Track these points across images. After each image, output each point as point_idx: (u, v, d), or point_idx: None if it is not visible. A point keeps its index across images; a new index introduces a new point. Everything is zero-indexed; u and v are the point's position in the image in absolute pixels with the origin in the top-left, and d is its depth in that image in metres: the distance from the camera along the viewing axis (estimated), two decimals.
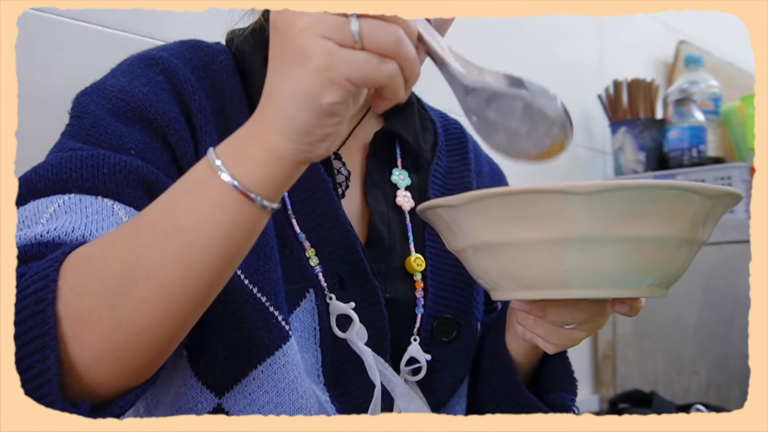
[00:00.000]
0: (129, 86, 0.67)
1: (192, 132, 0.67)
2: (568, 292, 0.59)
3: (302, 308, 0.69)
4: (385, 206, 0.78)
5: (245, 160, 0.49)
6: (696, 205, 0.57)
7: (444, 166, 0.85)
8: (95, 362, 0.50)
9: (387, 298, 0.74)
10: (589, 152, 1.93)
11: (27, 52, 0.88)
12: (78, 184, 0.60)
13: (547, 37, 1.80)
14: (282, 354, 0.66)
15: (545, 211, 0.55)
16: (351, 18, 0.46)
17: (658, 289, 0.61)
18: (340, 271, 0.72)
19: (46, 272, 0.50)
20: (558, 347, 0.71)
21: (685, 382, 1.68)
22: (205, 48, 0.74)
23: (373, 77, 0.47)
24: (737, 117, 1.84)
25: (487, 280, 0.64)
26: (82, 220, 0.58)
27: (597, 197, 0.54)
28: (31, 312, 0.49)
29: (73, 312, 0.49)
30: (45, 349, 0.48)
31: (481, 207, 0.58)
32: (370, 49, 0.46)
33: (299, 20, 0.46)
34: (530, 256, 0.58)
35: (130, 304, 0.50)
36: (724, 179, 1.68)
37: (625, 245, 0.56)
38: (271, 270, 0.66)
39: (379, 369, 0.71)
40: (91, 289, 0.50)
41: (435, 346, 0.76)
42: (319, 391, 0.69)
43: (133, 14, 0.98)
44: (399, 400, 0.72)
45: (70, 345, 0.50)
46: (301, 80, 0.47)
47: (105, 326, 0.50)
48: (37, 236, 0.55)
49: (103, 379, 0.51)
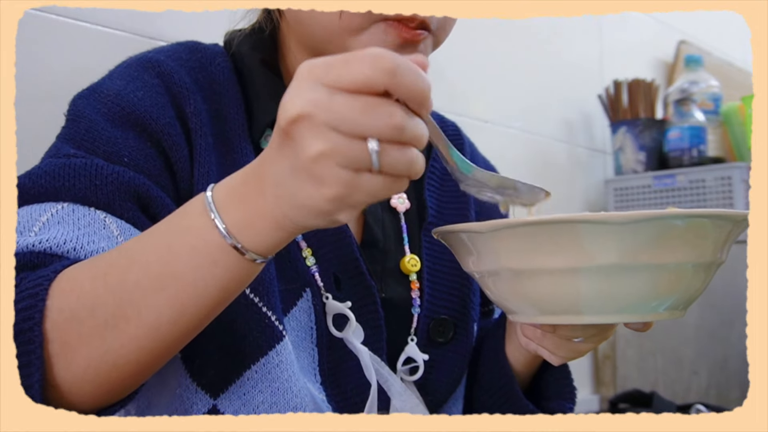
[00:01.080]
0: (124, 90, 0.67)
1: (187, 135, 0.67)
2: (587, 318, 0.59)
3: (299, 308, 0.70)
4: (380, 208, 0.78)
5: (253, 232, 0.50)
6: (719, 230, 0.57)
7: (440, 168, 0.85)
8: (79, 384, 0.52)
9: (383, 298, 0.74)
10: (589, 152, 1.93)
11: (27, 52, 0.88)
12: (71, 194, 0.60)
13: (547, 37, 1.80)
14: (276, 354, 0.66)
15: (571, 240, 0.55)
16: (370, 145, 0.43)
17: (676, 312, 0.61)
18: (337, 270, 0.72)
19: (36, 290, 0.51)
20: (564, 359, 0.71)
21: (685, 382, 1.68)
22: (202, 50, 0.74)
23: (387, 195, 0.47)
24: (737, 117, 1.84)
25: (505, 304, 0.64)
26: (74, 232, 0.58)
27: (629, 227, 0.53)
28: (19, 329, 0.50)
29: (59, 335, 0.51)
30: (30, 366, 0.50)
31: (507, 235, 0.57)
32: (387, 173, 0.45)
33: (316, 144, 0.43)
34: (551, 283, 0.57)
35: (120, 338, 0.51)
36: (724, 179, 1.69)
37: (645, 273, 0.56)
38: (264, 271, 0.66)
39: (376, 368, 0.71)
40: (80, 317, 0.51)
41: (431, 346, 0.76)
42: (315, 390, 0.69)
43: (133, 14, 0.98)
44: (395, 400, 0.72)
45: (56, 366, 0.51)
46: (315, 201, 0.46)
47: (92, 354, 0.51)
48: (29, 246, 0.56)
49: (85, 398, 0.53)
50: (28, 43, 0.89)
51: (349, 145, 0.43)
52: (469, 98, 1.57)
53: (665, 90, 2.05)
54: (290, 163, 0.46)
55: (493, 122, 1.63)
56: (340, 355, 0.71)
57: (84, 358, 0.51)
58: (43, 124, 0.80)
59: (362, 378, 0.71)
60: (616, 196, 1.84)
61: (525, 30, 1.73)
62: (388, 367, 0.73)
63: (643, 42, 2.15)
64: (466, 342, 0.79)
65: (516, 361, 0.79)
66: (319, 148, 0.43)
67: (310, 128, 0.44)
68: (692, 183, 1.73)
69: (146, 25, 1.00)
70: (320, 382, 0.70)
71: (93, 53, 0.93)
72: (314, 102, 0.43)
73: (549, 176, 1.77)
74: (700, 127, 1.80)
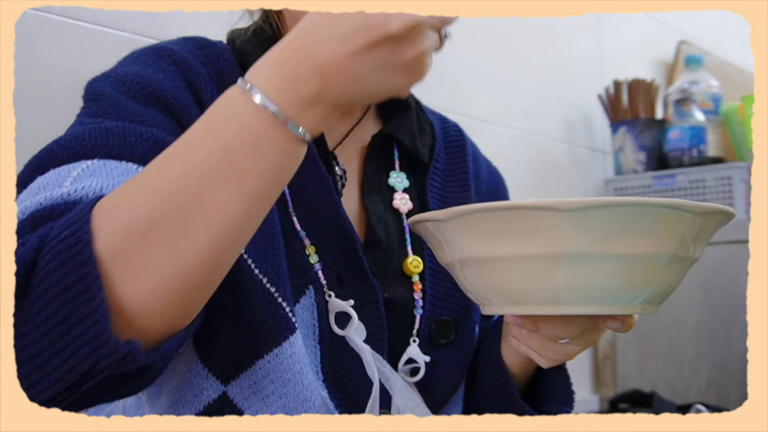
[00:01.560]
0: (144, 72, 0.67)
1: None
2: (557, 308, 0.58)
3: (302, 305, 0.70)
4: (383, 209, 0.78)
5: (311, 114, 0.51)
6: (685, 222, 0.57)
7: (442, 169, 0.85)
8: (147, 305, 0.48)
9: (385, 298, 0.74)
10: (589, 152, 1.93)
11: (27, 52, 0.88)
12: (103, 151, 0.58)
13: (547, 37, 1.80)
14: (289, 345, 0.66)
15: (534, 227, 0.55)
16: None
17: (650, 306, 0.60)
18: (340, 269, 0.72)
19: (76, 218, 0.48)
20: (552, 361, 0.71)
21: (685, 382, 1.68)
22: (210, 45, 0.74)
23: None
24: (737, 117, 1.84)
25: (476, 294, 0.64)
26: (109, 181, 0.56)
27: (585, 213, 0.54)
28: (67, 256, 0.46)
29: (118, 256, 0.47)
30: (89, 290, 0.46)
31: (468, 222, 0.58)
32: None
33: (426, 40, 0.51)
34: (518, 271, 0.57)
35: (189, 243, 0.49)
36: (724, 179, 1.69)
37: (615, 262, 0.56)
38: (279, 263, 0.67)
39: (377, 367, 0.71)
40: (138, 232, 0.48)
41: (433, 348, 0.77)
42: (318, 387, 0.69)
43: (133, 14, 0.98)
44: (397, 398, 0.72)
45: (120, 286, 0.47)
46: (402, 87, 0.53)
47: (162, 268, 0.48)
48: (63, 195, 0.53)
49: (153, 321, 0.49)
50: (28, 43, 0.89)
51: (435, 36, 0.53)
52: (470, 98, 1.57)
53: (665, 90, 2.05)
54: (383, 61, 0.50)
55: (493, 122, 1.63)
56: (341, 353, 0.71)
57: (152, 273, 0.48)
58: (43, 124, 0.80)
59: (364, 376, 0.71)
60: (616, 196, 1.84)
61: (525, 30, 1.73)
62: (389, 366, 0.73)
63: (643, 42, 2.15)
64: (467, 343, 0.79)
65: (511, 362, 0.79)
66: (428, 44, 0.51)
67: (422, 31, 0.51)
68: (692, 183, 1.73)
69: (146, 25, 1.00)
70: (322, 380, 0.70)
71: (93, 53, 0.93)
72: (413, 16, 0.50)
73: (549, 176, 1.77)
74: (700, 127, 1.80)
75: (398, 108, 0.82)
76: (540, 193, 1.70)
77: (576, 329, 0.67)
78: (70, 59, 0.93)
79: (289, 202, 0.72)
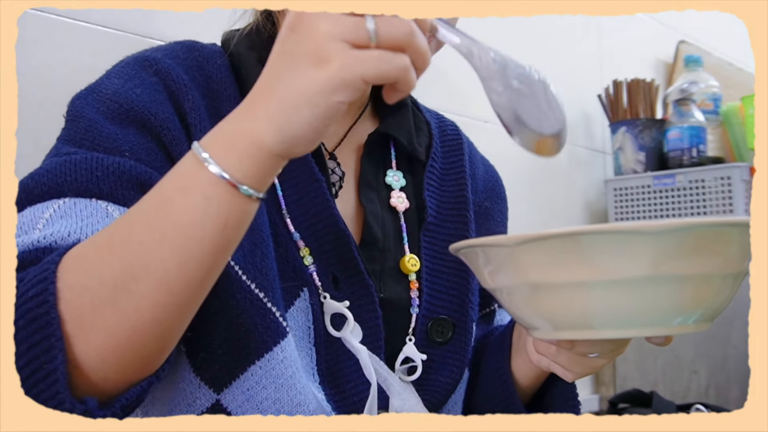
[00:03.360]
0: (123, 88, 0.67)
1: (186, 131, 0.68)
2: (603, 333, 0.56)
3: (296, 307, 0.70)
4: (380, 207, 0.78)
5: (233, 153, 0.50)
6: (742, 239, 0.55)
7: (439, 168, 0.85)
8: (101, 359, 0.51)
9: (381, 297, 0.74)
10: (589, 152, 1.93)
11: (27, 52, 0.88)
12: (72, 188, 0.60)
13: (547, 37, 1.80)
14: (280, 350, 0.66)
15: (595, 251, 0.52)
16: (366, 18, 0.48)
17: (703, 324, 0.58)
18: (335, 270, 0.72)
19: (44, 275, 0.51)
20: (579, 375, 0.70)
21: (685, 382, 1.68)
22: (200, 48, 0.74)
23: (387, 73, 0.49)
24: (737, 117, 1.84)
25: (524, 320, 0.61)
26: (77, 223, 0.59)
27: (661, 237, 0.51)
28: (34, 315, 0.49)
29: (74, 312, 0.50)
30: (52, 349, 0.49)
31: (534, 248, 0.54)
32: (385, 45, 0.48)
33: (321, 24, 0.48)
34: (567, 297, 0.55)
35: (132, 299, 0.50)
36: (724, 179, 1.69)
37: (672, 284, 0.54)
38: (268, 267, 0.67)
39: (374, 367, 0.71)
40: (91, 287, 0.51)
41: (430, 346, 0.76)
42: (314, 390, 0.69)
43: (133, 14, 0.98)
44: (394, 399, 0.72)
45: (76, 344, 0.50)
46: (315, 79, 0.48)
47: (108, 323, 0.51)
48: (34, 242, 0.57)
49: (109, 374, 0.52)
50: (28, 43, 0.89)
51: (348, 20, 0.48)
52: (469, 98, 1.57)
53: (665, 90, 2.05)
54: (291, 56, 0.49)
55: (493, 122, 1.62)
56: (338, 355, 0.71)
57: (101, 329, 0.51)
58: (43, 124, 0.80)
59: (361, 377, 0.71)
60: (616, 196, 1.84)
61: (525, 30, 1.73)
62: (386, 366, 0.73)
63: (643, 42, 2.15)
64: (464, 342, 0.79)
65: (524, 376, 0.79)
66: (326, 27, 0.48)
67: (315, 16, 0.48)
68: (692, 183, 1.73)
69: (146, 25, 1.00)
70: (318, 382, 0.70)
71: (93, 53, 0.93)
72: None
73: (549, 176, 1.77)
74: (700, 127, 1.80)
75: (395, 107, 0.82)
76: (539, 193, 1.70)
77: (611, 344, 0.67)
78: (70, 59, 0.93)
79: (282, 204, 0.72)
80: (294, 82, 0.49)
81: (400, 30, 0.49)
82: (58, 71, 0.91)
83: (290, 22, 0.50)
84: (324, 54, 0.48)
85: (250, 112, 0.51)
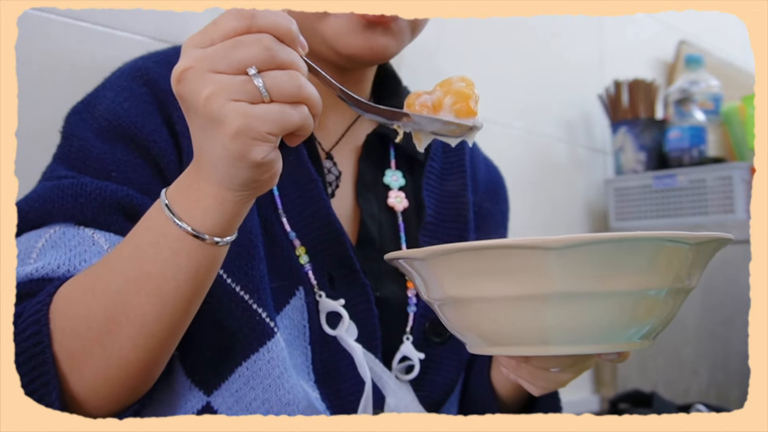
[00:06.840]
0: (113, 103, 0.69)
1: (175, 140, 0.69)
2: (546, 349, 0.55)
3: (291, 306, 0.70)
4: (377, 208, 0.78)
5: (198, 209, 0.53)
6: (679, 254, 0.52)
7: (438, 168, 0.85)
8: (94, 391, 0.57)
9: (378, 296, 0.74)
10: (590, 152, 1.93)
11: (27, 52, 0.88)
12: (60, 213, 0.64)
13: (547, 37, 1.80)
14: (266, 351, 0.66)
15: (519, 266, 0.51)
16: (252, 75, 0.48)
17: (645, 341, 0.56)
18: (330, 269, 0.72)
19: (38, 316, 0.56)
20: (544, 389, 0.68)
21: (685, 382, 1.68)
22: None
23: (291, 124, 0.49)
24: (737, 117, 1.84)
25: (458, 333, 0.60)
26: (66, 254, 0.62)
27: (570, 252, 0.49)
28: (32, 354, 0.55)
29: (66, 353, 0.56)
30: (48, 385, 0.55)
31: (448, 261, 0.53)
32: (279, 99, 0.48)
33: (203, 89, 0.48)
34: (502, 312, 0.53)
35: (117, 341, 0.56)
36: (725, 179, 1.68)
37: (604, 300, 0.52)
38: (255, 268, 0.67)
39: (370, 366, 0.71)
40: (79, 331, 0.56)
41: (427, 346, 0.77)
42: (309, 388, 0.69)
43: (134, 14, 0.98)
44: (390, 398, 0.72)
45: (70, 380, 0.57)
46: (226, 144, 0.49)
47: (97, 362, 0.56)
48: (28, 275, 0.61)
49: (102, 403, 0.58)
50: (28, 43, 0.89)
51: (233, 80, 0.47)
52: None
53: (665, 90, 2.05)
54: (194, 122, 0.50)
55: (493, 122, 1.63)
56: (333, 354, 0.71)
57: (92, 367, 0.56)
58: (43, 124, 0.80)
59: (356, 376, 0.71)
60: (616, 196, 1.84)
61: (525, 30, 1.73)
62: (382, 365, 0.73)
63: (643, 42, 2.15)
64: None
65: (503, 388, 0.79)
66: (208, 91, 0.47)
67: (194, 78, 0.48)
68: (692, 183, 1.73)
69: (147, 25, 1.00)
70: (314, 381, 0.70)
71: (93, 53, 0.93)
72: (192, 58, 0.48)
73: (549, 176, 1.77)
74: (701, 127, 1.80)
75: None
76: (540, 193, 1.70)
77: (568, 360, 0.65)
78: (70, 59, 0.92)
79: (278, 204, 0.72)
80: (213, 150, 0.50)
81: (289, 83, 0.49)
82: (58, 71, 0.91)
83: (176, 93, 0.50)
84: (219, 117, 0.48)
85: (199, 176, 0.53)
